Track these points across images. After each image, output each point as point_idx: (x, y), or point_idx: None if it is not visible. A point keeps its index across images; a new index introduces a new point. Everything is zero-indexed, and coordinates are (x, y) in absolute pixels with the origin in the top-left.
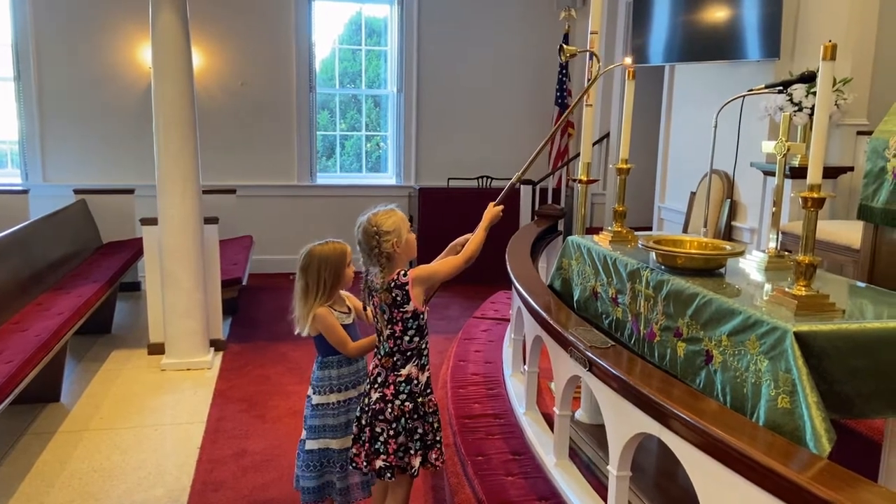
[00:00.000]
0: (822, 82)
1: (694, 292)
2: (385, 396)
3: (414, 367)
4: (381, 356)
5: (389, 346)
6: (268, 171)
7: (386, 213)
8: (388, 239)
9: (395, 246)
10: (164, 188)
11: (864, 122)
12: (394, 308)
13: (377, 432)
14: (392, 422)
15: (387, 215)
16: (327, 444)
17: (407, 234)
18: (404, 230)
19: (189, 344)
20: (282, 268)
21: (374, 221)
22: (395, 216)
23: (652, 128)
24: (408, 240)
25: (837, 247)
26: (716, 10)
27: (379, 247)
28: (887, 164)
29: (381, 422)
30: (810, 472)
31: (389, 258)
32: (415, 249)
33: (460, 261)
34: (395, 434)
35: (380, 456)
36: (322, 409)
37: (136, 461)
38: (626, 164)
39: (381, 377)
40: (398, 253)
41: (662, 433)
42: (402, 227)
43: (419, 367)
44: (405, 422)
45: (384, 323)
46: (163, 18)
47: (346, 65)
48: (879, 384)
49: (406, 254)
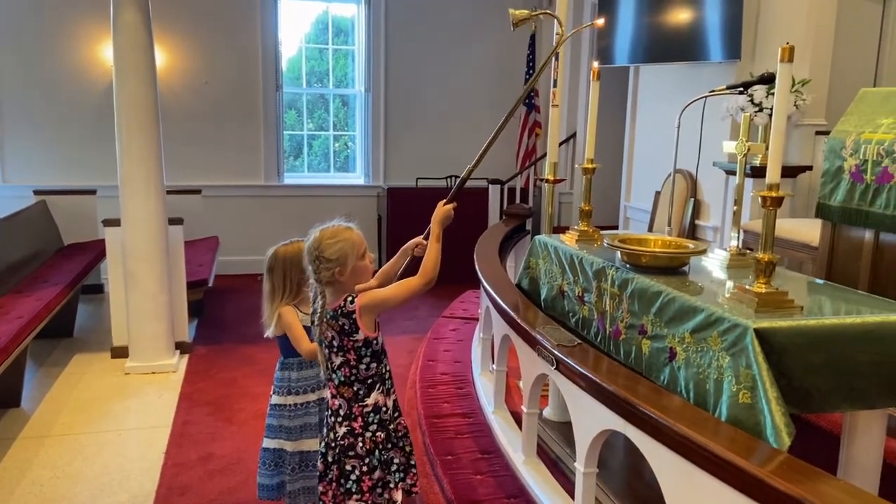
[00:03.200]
0: (780, 84)
1: (658, 290)
2: (354, 430)
3: (379, 395)
4: (338, 385)
5: (345, 375)
6: (234, 170)
7: (333, 237)
8: (329, 267)
9: (336, 275)
10: (126, 189)
11: (823, 122)
12: (343, 336)
13: (347, 470)
14: (365, 457)
15: (333, 239)
16: (281, 444)
17: (357, 260)
18: (352, 257)
19: (154, 347)
20: (249, 269)
21: (318, 244)
22: (343, 241)
23: (619, 128)
24: (356, 268)
25: (797, 244)
26: (679, 12)
27: (318, 273)
28: (844, 164)
29: (351, 458)
30: (770, 466)
31: (332, 285)
32: (369, 275)
33: (418, 284)
34: (369, 470)
35: (352, 496)
36: (279, 409)
37: (100, 466)
38: (592, 163)
39: (343, 409)
40: (342, 281)
41: (627, 429)
42: (350, 255)
43: (384, 393)
44: (380, 454)
45: (334, 351)
46: (124, 15)
47: (314, 64)
48: (836, 379)
49: (353, 281)
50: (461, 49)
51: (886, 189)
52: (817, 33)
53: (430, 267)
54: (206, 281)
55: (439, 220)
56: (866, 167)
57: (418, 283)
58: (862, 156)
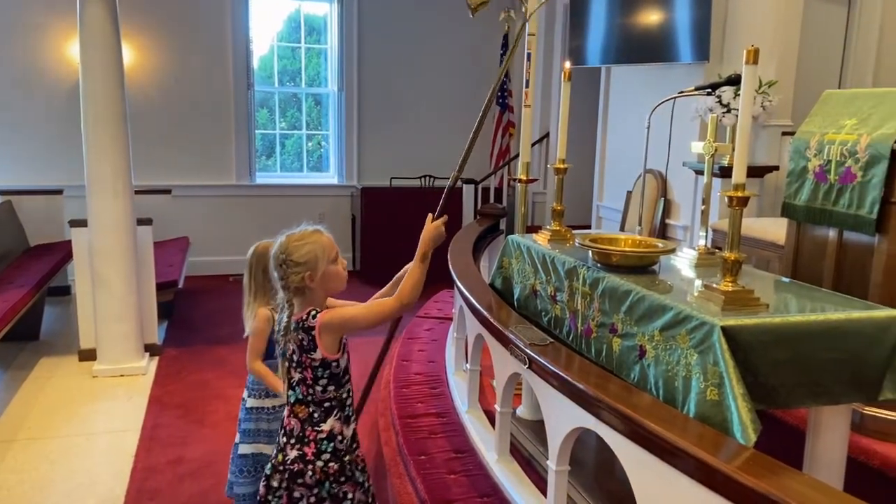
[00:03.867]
0: (746, 85)
1: (628, 289)
2: (305, 456)
3: (336, 421)
4: (293, 403)
5: (302, 393)
6: (205, 170)
7: (301, 239)
8: (297, 272)
9: (306, 280)
10: (93, 188)
11: (789, 122)
12: (301, 352)
13: (295, 497)
14: (314, 486)
15: (301, 241)
16: (261, 449)
17: (328, 264)
18: (323, 261)
19: (122, 349)
20: (220, 269)
21: (284, 248)
22: (312, 244)
23: (592, 128)
24: (328, 273)
25: (765, 243)
26: (650, 14)
27: (285, 279)
28: (808, 164)
29: (300, 486)
30: (737, 462)
31: (299, 292)
32: (342, 281)
33: (392, 308)
34: (317, 501)
35: None
36: (256, 412)
37: (67, 471)
38: (564, 163)
39: (296, 431)
40: (312, 287)
41: (599, 427)
42: (321, 258)
43: (342, 420)
44: (330, 486)
45: (293, 366)
46: (91, 12)
47: (286, 62)
48: (801, 375)
49: (324, 288)
50: (435, 48)
51: (849, 189)
52: (784, 36)
53: (408, 289)
54: (176, 282)
55: (429, 239)
56: (830, 167)
57: (393, 306)
58: (826, 156)
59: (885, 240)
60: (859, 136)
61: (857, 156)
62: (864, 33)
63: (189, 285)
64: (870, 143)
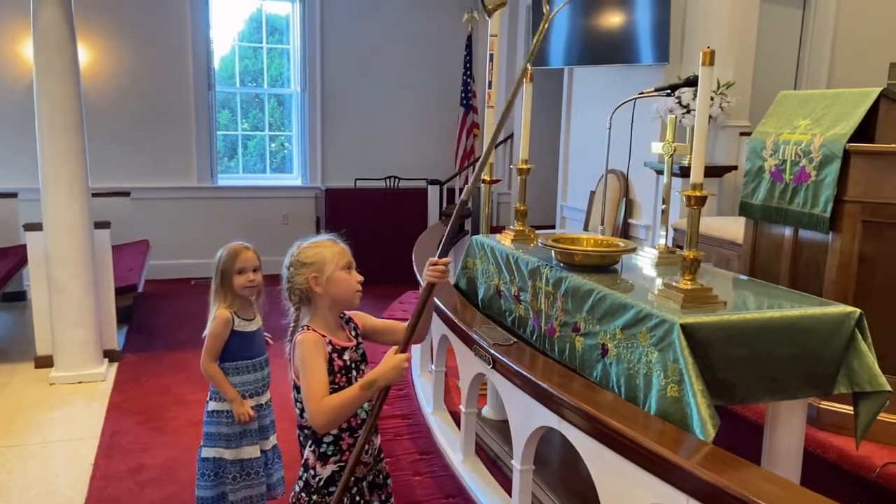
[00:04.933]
0: (702, 86)
1: (590, 288)
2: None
3: (311, 453)
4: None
5: (299, 410)
6: (165, 172)
7: (314, 243)
8: (303, 273)
9: (311, 282)
10: (49, 191)
11: (747, 123)
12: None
13: None
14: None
15: (313, 245)
16: (220, 453)
17: (337, 270)
18: (331, 264)
19: (80, 355)
20: (181, 273)
21: (297, 251)
22: (323, 248)
23: (556, 128)
24: (336, 277)
25: (725, 242)
26: (611, 16)
27: (291, 280)
28: (765, 164)
29: None
30: (696, 458)
31: (304, 298)
32: (350, 292)
33: (312, 417)
34: None
35: None
36: (217, 416)
37: (24, 481)
38: (527, 164)
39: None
40: (319, 294)
41: (562, 426)
42: (329, 261)
43: (319, 457)
44: None
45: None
46: (45, 11)
47: (248, 63)
48: (758, 371)
49: (331, 297)
50: (398, 49)
51: (804, 188)
52: (741, 38)
53: (332, 411)
54: (136, 286)
55: (385, 372)
56: (785, 167)
57: (312, 417)
58: (781, 156)
59: (839, 238)
60: (813, 137)
61: (811, 155)
62: (818, 35)
63: (149, 289)
64: (823, 143)
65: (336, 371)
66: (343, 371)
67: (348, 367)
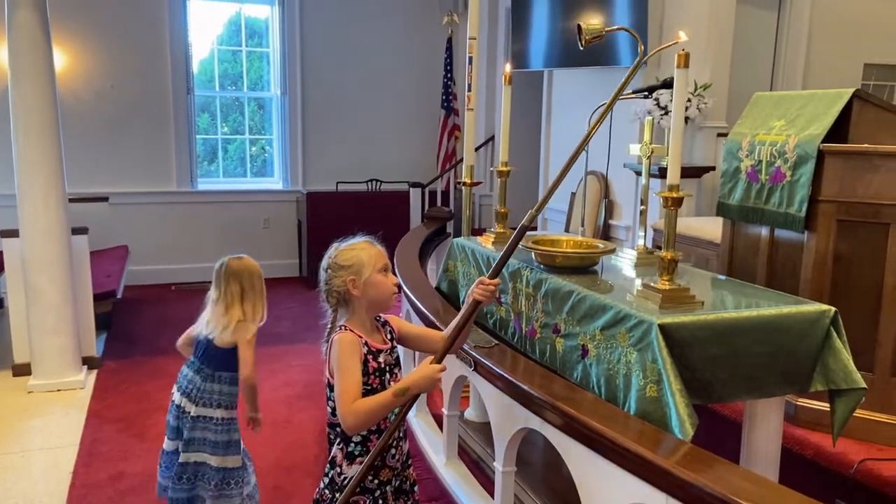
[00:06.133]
0: (677, 88)
1: (570, 290)
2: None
3: (339, 451)
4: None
5: (331, 409)
6: (144, 176)
7: (350, 246)
8: (341, 276)
9: (349, 284)
10: (25, 197)
11: (724, 124)
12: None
13: None
14: None
15: (350, 247)
16: (204, 458)
17: (374, 273)
18: (368, 267)
19: (58, 363)
20: (161, 278)
21: (334, 253)
22: (360, 251)
23: (537, 130)
24: (372, 280)
25: (704, 242)
26: (590, 18)
27: (329, 282)
28: (741, 164)
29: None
30: (675, 457)
31: (342, 301)
32: (387, 294)
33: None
34: None
35: None
36: (204, 421)
37: (2, 490)
38: (507, 166)
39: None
40: (356, 296)
41: (543, 427)
42: (367, 264)
43: (347, 456)
44: None
45: None
46: (19, 15)
47: (227, 66)
48: (734, 370)
49: (368, 299)
50: (379, 51)
51: (780, 188)
52: (717, 40)
53: (364, 415)
54: (115, 292)
55: (418, 380)
56: (761, 167)
57: (343, 417)
58: (757, 156)
59: (814, 237)
60: (787, 137)
61: (786, 156)
62: (793, 37)
63: (129, 295)
64: (797, 144)
65: (370, 373)
66: (377, 373)
67: (382, 369)
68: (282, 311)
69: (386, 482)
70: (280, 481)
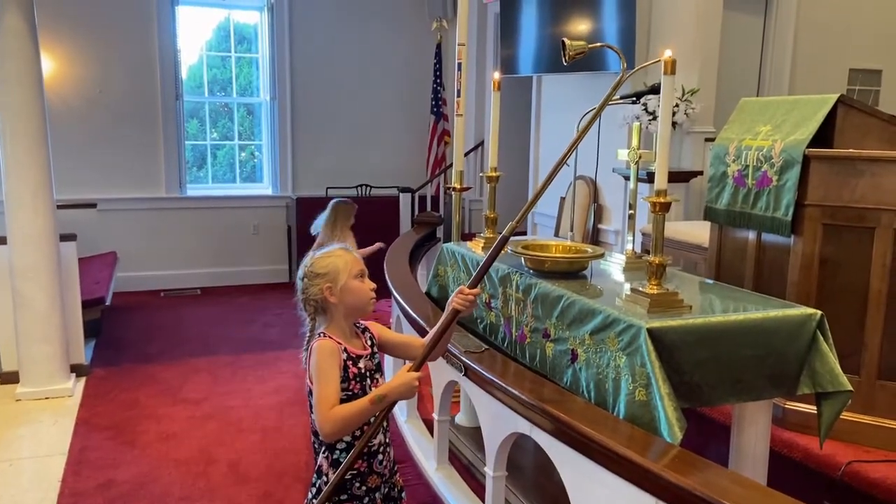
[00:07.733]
0: (664, 94)
1: (559, 294)
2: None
3: (324, 459)
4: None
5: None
6: (132, 182)
7: (326, 253)
8: (317, 283)
9: (325, 292)
10: (12, 204)
11: (712, 129)
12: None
13: None
14: None
15: (325, 255)
16: None
17: (350, 279)
18: (345, 273)
19: (47, 371)
20: (150, 285)
21: (310, 262)
22: (335, 258)
23: (526, 135)
24: (349, 286)
25: (692, 246)
26: (578, 24)
27: (305, 291)
28: (728, 169)
29: None
30: (664, 461)
31: (320, 309)
32: (364, 300)
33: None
34: None
35: None
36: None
37: None
38: (496, 171)
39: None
40: (333, 303)
41: (533, 432)
42: (342, 270)
43: (332, 464)
44: None
45: None
46: (7, 21)
47: (216, 72)
48: (722, 373)
49: (346, 305)
50: (368, 57)
51: (766, 192)
52: (704, 45)
53: (341, 421)
54: (104, 299)
55: (396, 388)
56: (748, 172)
57: (320, 424)
58: (743, 161)
59: (800, 240)
60: (773, 142)
61: (773, 160)
62: (779, 42)
63: (118, 302)
64: (783, 149)
65: (351, 378)
66: (357, 378)
67: (363, 374)
68: (271, 318)
69: (374, 489)
70: (271, 487)
